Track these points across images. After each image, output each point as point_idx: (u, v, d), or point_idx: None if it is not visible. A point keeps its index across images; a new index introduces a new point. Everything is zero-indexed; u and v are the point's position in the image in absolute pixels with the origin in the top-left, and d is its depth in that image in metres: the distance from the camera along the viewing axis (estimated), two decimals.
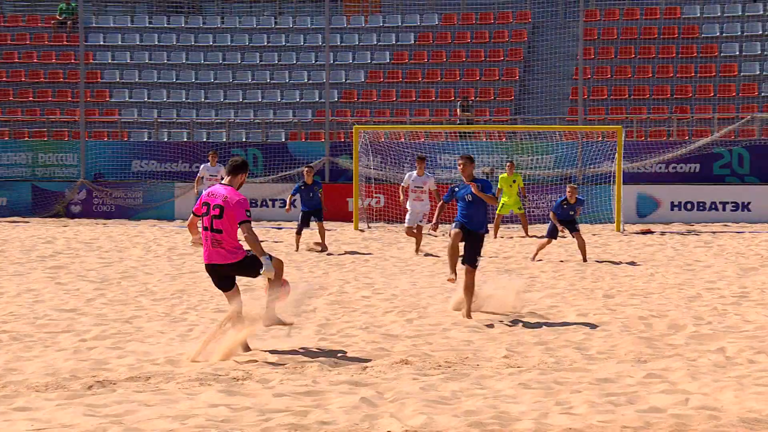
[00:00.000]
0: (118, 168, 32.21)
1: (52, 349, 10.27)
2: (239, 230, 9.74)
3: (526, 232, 24.79)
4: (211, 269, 9.90)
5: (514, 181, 24.45)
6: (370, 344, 10.54)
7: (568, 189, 19.79)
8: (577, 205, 19.53)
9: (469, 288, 12.12)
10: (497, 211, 24.57)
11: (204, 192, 10.16)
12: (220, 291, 10.10)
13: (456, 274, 12.19)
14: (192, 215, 10.20)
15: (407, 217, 20.87)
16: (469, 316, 12.07)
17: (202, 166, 25.02)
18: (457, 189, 12.58)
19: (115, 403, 7.87)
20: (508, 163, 25.11)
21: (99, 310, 12.93)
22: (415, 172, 21.18)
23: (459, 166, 12.66)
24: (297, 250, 21.09)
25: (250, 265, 9.87)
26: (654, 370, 9.08)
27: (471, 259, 12.19)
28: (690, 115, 33.05)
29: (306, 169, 21.88)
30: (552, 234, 19.57)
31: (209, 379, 8.77)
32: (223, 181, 10.11)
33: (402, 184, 21.56)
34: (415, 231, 20.58)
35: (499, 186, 24.71)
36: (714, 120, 31.80)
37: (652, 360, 9.72)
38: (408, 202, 20.99)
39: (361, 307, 13.32)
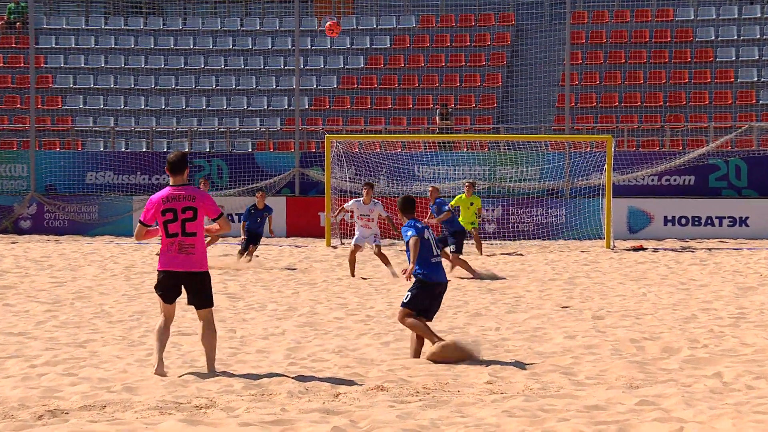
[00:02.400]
0: (71, 180, 32.08)
1: None
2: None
3: (480, 250, 24.84)
4: (173, 276, 9.97)
5: (472, 204, 24.46)
6: (343, 369, 10.53)
7: (429, 189, 20.59)
8: (437, 205, 20.19)
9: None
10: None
11: (155, 198, 10.09)
12: (165, 303, 10.10)
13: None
14: (140, 225, 10.17)
15: (354, 238, 20.29)
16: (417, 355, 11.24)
17: None
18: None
19: None
20: (466, 184, 24.93)
21: (50, 334, 12.86)
22: (361, 200, 20.35)
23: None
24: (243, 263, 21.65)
25: (209, 286, 10.16)
26: (646, 397, 9.12)
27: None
28: (684, 124, 33.26)
29: (259, 193, 22.63)
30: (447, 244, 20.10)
31: (170, 408, 8.73)
32: (170, 183, 10.08)
33: (345, 206, 20.74)
34: (374, 252, 20.21)
35: (453, 203, 24.83)
36: (710, 129, 32.03)
37: (644, 386, 9.76)
38: (356, 227, 20.46)
39: (334, 329, 13.32)
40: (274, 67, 37.47)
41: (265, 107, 36.41)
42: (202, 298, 10.13)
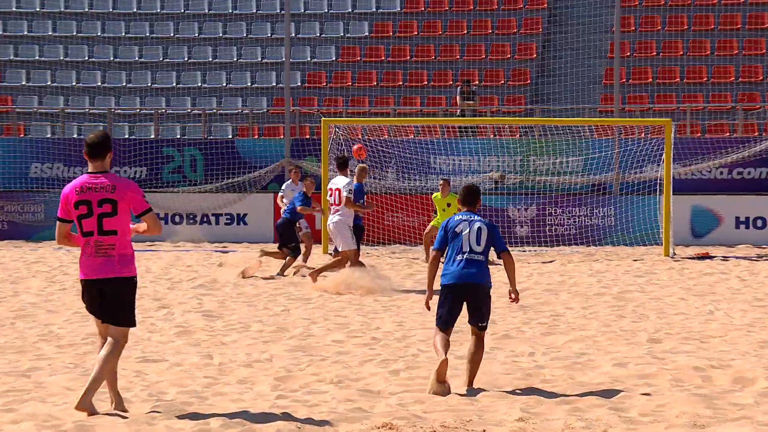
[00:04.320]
0: (11, 173, 32.12)
1: None
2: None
3: None
4: (93, 285, 9.86)
5: (449, 204, 24.72)
6: (343, 403, 10.54)
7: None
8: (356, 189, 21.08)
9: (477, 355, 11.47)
10: (431, 223, 24.93)
11: (67, 189, 9.92)
12: (98, 319, 9.99)
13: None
14: (59, 223, 10.00)
15: (351, 237, 20.64)
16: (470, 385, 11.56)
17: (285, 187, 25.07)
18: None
19: None
20: (441, 182, 25.31)
21: None
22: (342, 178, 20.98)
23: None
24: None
25: (129, 297, 9.88)
26: None
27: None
28: (760, 104, 33.23)
29: (308, 180, 23.68)
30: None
31: None
32: (88, 169, 9.89)
33: (354, 198, 20.84)
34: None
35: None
36: None
37: (711, 424, 9.76)
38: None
39: (332, 354, 13.33)
40: (260, 36, 37.49)
41: (249, 84, 36.44)
42: (116, 314, 9.83)
